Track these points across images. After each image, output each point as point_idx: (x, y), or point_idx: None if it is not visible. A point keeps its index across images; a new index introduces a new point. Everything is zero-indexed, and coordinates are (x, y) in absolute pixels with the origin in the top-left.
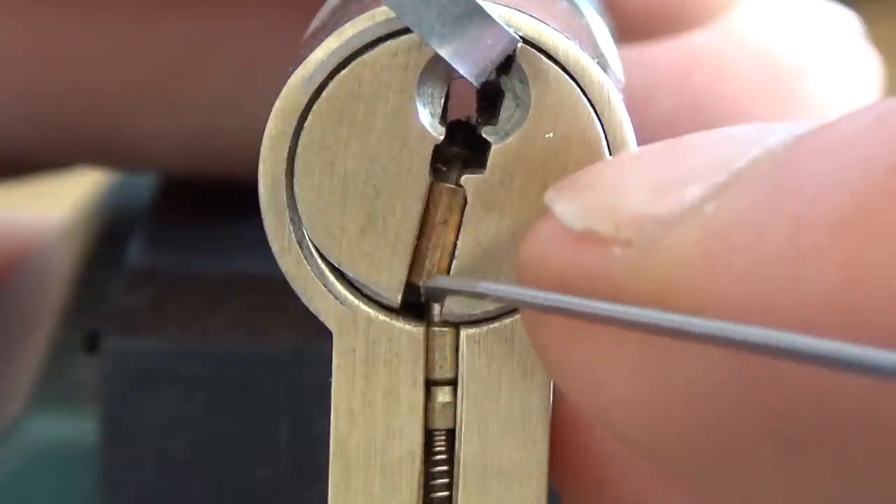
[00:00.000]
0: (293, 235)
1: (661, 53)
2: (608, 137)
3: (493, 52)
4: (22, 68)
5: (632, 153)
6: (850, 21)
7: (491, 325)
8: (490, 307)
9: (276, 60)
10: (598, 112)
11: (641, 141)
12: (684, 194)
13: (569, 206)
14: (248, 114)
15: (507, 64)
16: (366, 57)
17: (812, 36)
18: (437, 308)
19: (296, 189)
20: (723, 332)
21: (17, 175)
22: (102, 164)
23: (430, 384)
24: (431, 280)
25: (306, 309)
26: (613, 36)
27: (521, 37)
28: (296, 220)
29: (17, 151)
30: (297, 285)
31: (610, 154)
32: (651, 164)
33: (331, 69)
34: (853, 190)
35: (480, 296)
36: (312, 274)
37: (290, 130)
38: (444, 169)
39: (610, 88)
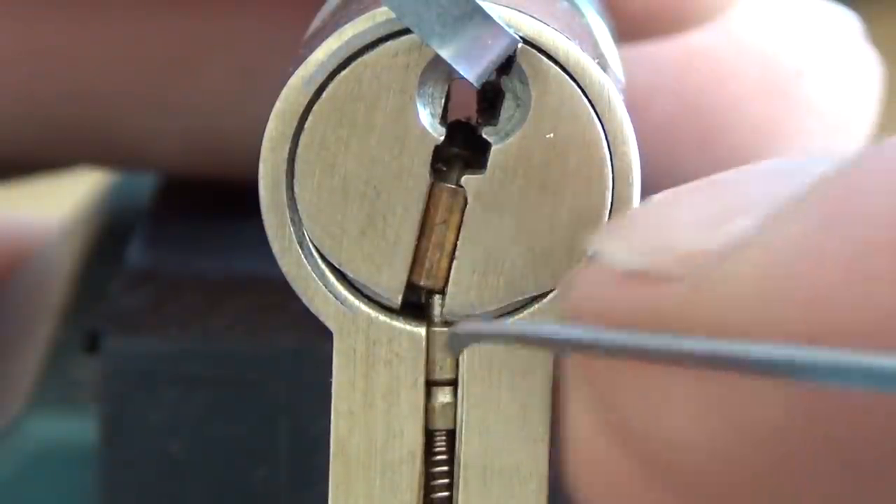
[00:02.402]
0: (294, 236)
1: (659, 55)
2: (608, 138)
3: (493, 53)
4: (21, 69)
5: (672, 193)
6: (851, 22)
7: None
8: (490, 307)
9: (277, 60)
10: (598, 112)
11: (641, 142)
12: (735, 227)
13: (616, 247)
14: (249, 114)
15: (507, 64)
16: (366, 57)
17: (811, 37)
18: (437, 308)
19: (296, 189)
20: (787, 357)
21: (17, 175)
22: (102, 164)
23: (430, 385)
24: (460, 327)
25: (306, 309)
26: (613, 36)
27: (521, 37)
28: (296, 220)
29: (16, 152)
30: (298, 285)
31: (610, 154)
32: (695, 201)
33: (331, 70)
34: None
35: (519, 340)
36: (313, 274)
37: (291, 131)
38: (445, 169)
39: (610, 89)
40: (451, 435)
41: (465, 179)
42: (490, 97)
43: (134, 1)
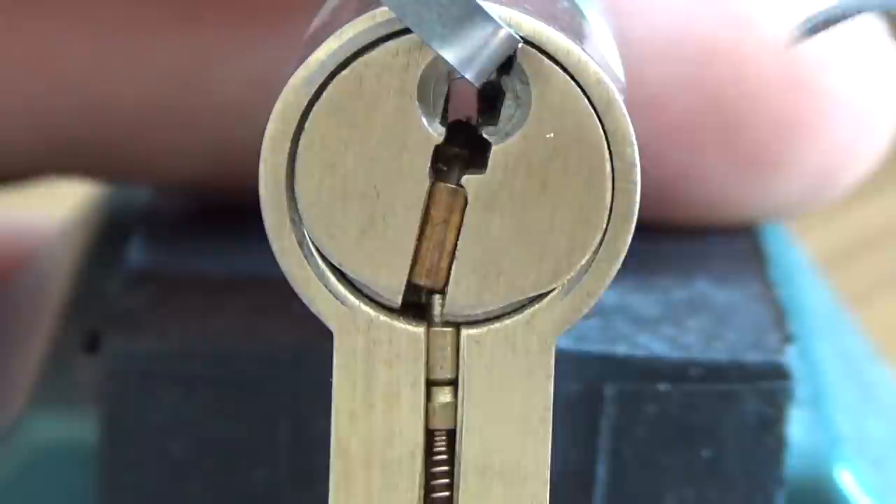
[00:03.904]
0: (294, 235)
1: (678, 51)
2: (608, 138)
3: (493, 53)
4: (29, 83)
5: None
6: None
7: (492, 326)
8: (491, 307)
9: (287, 73)
10: (599, 112)
11: (661, 138)
12: None
13: None
14: (260, 127)
15: (507, 64)
16: (366, 57)
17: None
18: (437, 308)
19: (296, 189)
20: None
21: (19, 182)
22: (110, 178)
23: (430, 384)
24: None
25: (306, 309)
26: (614, 36)
27: (521, 37)
28: (296, 220)
29: (22, 164)
30: (298, 285)
31: (610, 154)
32: None
33: (331, 70)
34: None
35: None
36: (313, 274)
37: (291, 131)
38: (445, 169)
39: (610, 89)
40: (452, 435)
41: (466, 179)
42: (490, 97)
43: (144, 14)
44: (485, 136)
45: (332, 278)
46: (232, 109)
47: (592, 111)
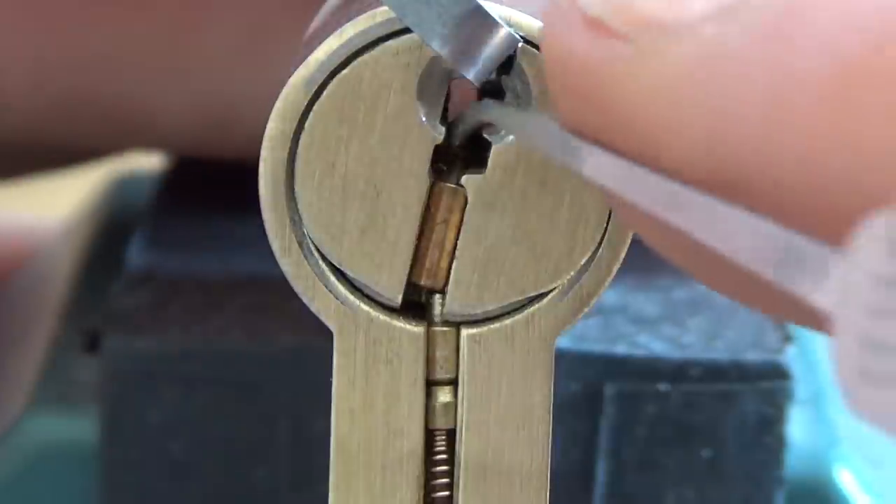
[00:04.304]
0: (294, 235)
1: None
2: None
3: (493, 52)
4: (28, 37)
5: None
6: None
7: (491, 325)
8: (491, 306)
9: (284, 17)
10: None
11: None
12: (693, 6)
13: None
14: (257, 74)
15: (507, 63)
16: (366, 57)
17: None
18: (437, 308)
19: (296, 189)
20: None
21: (28, 169)
22: (112, 139)
23: (430, 384)
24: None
25: (306, 309)
26: None
27: (521, 36)
28: (296, 219)
29: (23, 125)
30: (298, 285)
31: None
32: None
33: (331, 69)
34: (846, 57)
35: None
36: (313, 274)
37: (291, 131)
38: (445, 169)
39: None
40: (452, 434)
41: (466, 179)
42: (490, 96)
43: None
44: (485, 135)
45: (332, 278)
46: (226, 57)
47: None
